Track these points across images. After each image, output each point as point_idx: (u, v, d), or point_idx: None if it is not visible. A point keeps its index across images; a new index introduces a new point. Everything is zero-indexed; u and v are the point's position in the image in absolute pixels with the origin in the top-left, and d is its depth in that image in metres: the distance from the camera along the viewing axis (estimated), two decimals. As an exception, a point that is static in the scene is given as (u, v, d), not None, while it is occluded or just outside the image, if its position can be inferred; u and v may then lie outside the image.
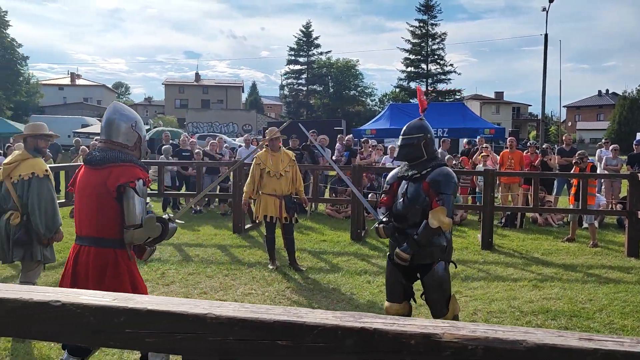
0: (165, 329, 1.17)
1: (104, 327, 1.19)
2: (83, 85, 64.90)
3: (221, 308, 1.17)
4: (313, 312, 1.14)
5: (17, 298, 1.23)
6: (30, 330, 1.26)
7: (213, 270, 6.91)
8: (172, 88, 65.47)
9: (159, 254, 7.68)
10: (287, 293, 6.03)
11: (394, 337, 1.04)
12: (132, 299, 1.22)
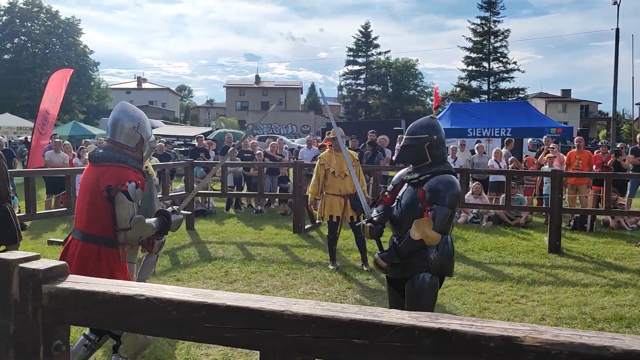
0: (244, 325, 1.20)
1: (185, 322, 1.24)
2: (148, 88, 67.30)
3: (297, 306, 1.19)
4: (389, 311, 1.15)
5: (105, 291, 1.30)
6: (118, 323, 1.33)
7: (274, 269, 7.00)
8: (233, 90, 66.90)
9: (222, 253, 7.88)
10: (349, 293, 6.04)
11: (472, 339, 1.03)
12: (211, 294, 1.26)
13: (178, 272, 6.84)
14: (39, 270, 1.35)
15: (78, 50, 42.54)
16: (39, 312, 1.35)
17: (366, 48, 55.61)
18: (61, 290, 1.34)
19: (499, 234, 9.39)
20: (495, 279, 6.57)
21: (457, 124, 17.48)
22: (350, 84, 57.17)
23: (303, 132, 45.92)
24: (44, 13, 41.99)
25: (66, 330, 1.43)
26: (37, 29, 41.26)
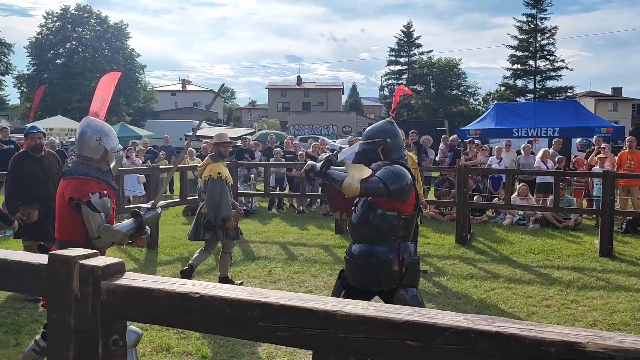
0: (296, 324, 1.21)
1: (239, 320, 1.26)
2: (192, 90, 68.58)
3: (350, 306, 1.19)
4: (443, 313, 1.13)
5: (161, 288, 1.33)
6: (173, 319, 1.35)
7: (317, 269, 7.02)
8: (274, 92, 67.48)
9: (265, 252, 7.95)
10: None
11: (532, 344, 1.01)
12: (264, 293, 1.27)
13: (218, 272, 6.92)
14: (98, 267, 1.40)
15: (125, 53, 43.76)
16: (98, 308, 1.39)
17: (408, 48, 55.12)
18: (119, 287, 1.38)
19: (546, 237, 9.15)
20: (544, 283, 6.40)
21: (502, 124, 17.12)
22: (392, 84, 56.74)
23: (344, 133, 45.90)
24: (94, 18, 43.38)
25: (123, 325, 1.47)
26: (88, 34, 42.66)
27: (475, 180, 11.18)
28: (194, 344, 4.48)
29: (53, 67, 41.75)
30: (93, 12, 43.55)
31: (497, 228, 10.01)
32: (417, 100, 54.31)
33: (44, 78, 40.05)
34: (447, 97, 52.56)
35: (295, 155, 12.33)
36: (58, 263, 1.44)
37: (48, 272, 1.46)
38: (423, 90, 53.91)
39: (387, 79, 57.13)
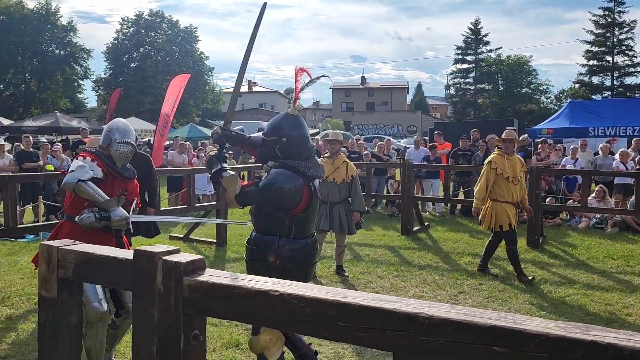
0: (376, 325, 1.19)
1: (318, 319, 1.25)
2: (258, 92, 69.86)
3: (432, 308, 1.16)
4: (532, 319, 1.09)
5: (241, 286, 1.35)
6: (253, 316, 1.37)
7: (383, 270, 6.96)
8: (339, 92, 67.63)
9: (330, 252, 7.96)
10: (460, 298, 5.86)
11: (632, 355, 0.94)
12: (344, 293, 1.27)
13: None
14: (181, 263, 1.44)
15: (195, 56, 45.13)
16: (180, 303, 1.43)
17: (476, 45, 53.75)
18: (200, 283, 1.41)
19: (626, 241, 8.67)
20: (624, 290, 6.07)
21: (577, 122, 16.40)
22: (459, 83, 55.55)
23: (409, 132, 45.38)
24: (166, 23, 45.01)
25: (203, 321, 1.51)
26: (160, 38, 44.32)
27: (548, 181, 10.75)
28: (262, 340, 4.54)
29: (127, 71, 43.65)
30: (165, 17, 45.20)
31: (571, 231, 9.58)
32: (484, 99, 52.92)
33: (119, 81, 41.93)
34: (517, 96, 50.86)
35: (360, 155, 12.29)
36: (143, 259, 1.49)
37: (134, 267, 1.51)
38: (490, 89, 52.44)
39: (454, 78, 55.96)
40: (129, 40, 44.14)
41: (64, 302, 1.70)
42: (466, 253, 7.89)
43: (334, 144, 6.70)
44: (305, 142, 3.55)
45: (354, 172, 6.65)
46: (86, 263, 1.63)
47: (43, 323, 1.71)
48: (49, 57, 39.34)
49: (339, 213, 6.55)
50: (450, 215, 11.38)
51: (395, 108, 59.53)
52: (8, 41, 35.90)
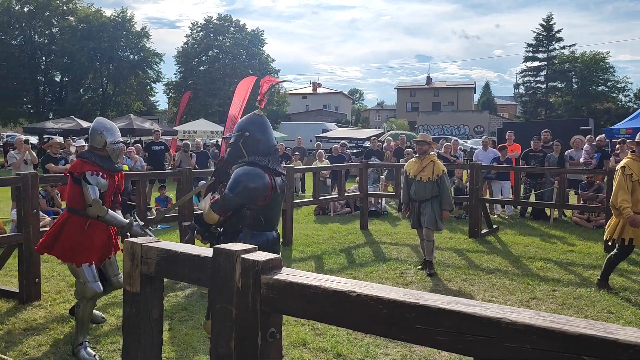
0: (456, 329, 1.17)
1: (396, 321, 1.25)
2: (323, 93, 70.26)
3: (515, 314, 1.13)
4: (624, 329, 1.03)
5: (318, 285, 1.36)
6: (330, 316, 1.38)
7: (450, 274, 6.84)
8: (403, 92, 67.01)
9: (396, 254, 7.90)
10: (532, 304, 5.65)
11: None
12: (422, 296, 1.25)
13: (354, 270, 7.01)
14: (259, 261, 1.47)
15: (261, 59, 46.01)
16: (258, 300, 1.47)
17: (547, 42, 51.80)
18: (278, 282, 1.44)
19: None
20: None
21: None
22: (529, 82, 53.72)
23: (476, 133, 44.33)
24: (234, 27, 46.15)
25: (280, 319, 1.54)
26: (228, 42, 45.48)
27: None
28: (329, 340, 4.57)
29: (197, 74, 45.05)
30: (232, 21, 46.34)
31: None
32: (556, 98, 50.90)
33: (189, 84, 43.33)
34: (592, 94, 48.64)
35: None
36: (222, 256, 1.53)
37: (213, 264, 1.56)
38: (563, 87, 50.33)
39: (523, 76, 54.19)
40: (199, 44, 45.56)
41: (146, 296, 1.78)
42: (538, 258, 7.62)
43: (421, 144, 6.99)
44: (267, 141, 3.76)
45: (441, 171, 6.78)
46: (167, 260, 1.69)
47: (127, 316, 1.80)
48: (124, 62, 41.23)
49: (426, 210, 6.80)
50: (520, 219, 11.02)
51: (461, 108, 58.30)
52: (87, 48, 37.92)
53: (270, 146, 3.75)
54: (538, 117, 48.40)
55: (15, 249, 5.61)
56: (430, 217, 6.78)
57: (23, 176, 5.47)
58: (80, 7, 41.31)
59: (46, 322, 4.95)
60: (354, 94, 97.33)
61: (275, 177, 3.67)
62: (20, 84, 38.51)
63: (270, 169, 3.64)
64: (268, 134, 3.78)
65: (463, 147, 20.87)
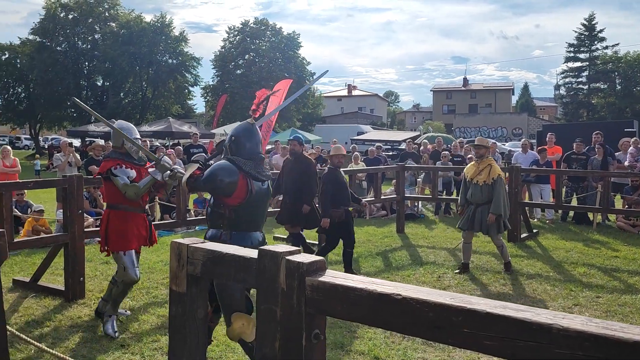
0: (505, 334, 1.16)
1: (442, 324, 1.24)
2: (358, 95, 70.16)
3: (567, 320, 1.11)
4: (683, 337, 1.00)
5: (363, 288, 1.37)
6: (374, 319, 1.38)
7: (489, 278, 6.74)
8: (439, 94, 66.32)
9: (433, 258, 7.83)
10: (575, 311, 5.52)
11: None
12: (469, 300, 1.24)
13: (391, 273, 6.97)
14: (304, 263, 1.48)
15: (297, 62, 46.20)
16: (303, 302, 1.48)
17: (590, 42, 50.43)
18: (322, 284, 1.45)
19: None
20: None
21: None
22: (570, 83, 52.39)
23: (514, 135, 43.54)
24: (270, 30, 46.52)
25: (324, 320, 1.55)
26: (264, 45, 45.88)
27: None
28: (366, 343, 4.56)
29: (233, 77, 45.58)
30: (269, 25, 46.72)
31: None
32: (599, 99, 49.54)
33: (226, 88, 43.86)
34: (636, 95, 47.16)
35: (464, 159, 11.96)
36: (267, 258, 1.55)
37: (258, 265, 1.58)
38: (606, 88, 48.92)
39: (564, 77, 52.88)
40: (235, 48, 46.09)
41: (192, 296, 1.82)
42: (580, 263, 7.43)
43: (478, 148, 7.10)
44: (252, 148, 3.99)
45: (496, 175, 6.78)
46: (213, 261, 1.72)
47: (173, 316, 1.84)
48: (163, 66, 42.02)
49: (482, 214, 6.83)
50: (561, 223, 10.76)
51: (499, 110, 57.33)
52: (128, 53, 38.82)
53: (254, 153, 3.98)
54: (580, 119, 47.18)
55: (61, 248, 5.79)
56: (484, 222, 6.82)
57: (69, 178, 5.64)
58: (122, 13, 42.33)
59: (90, 320, 5.09)
60: (390, 96, 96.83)
61: (254, 180, 3.88)
62: (64, 88, 39.67)
63: (246, 171, 3.85)
64: (255, 142, 4.04)
65: (501, 150, 20.50)
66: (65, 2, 40.75)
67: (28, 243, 6.60)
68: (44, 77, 38.30)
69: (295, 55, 46.41)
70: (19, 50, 41.38)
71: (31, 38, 41.18)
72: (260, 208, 4.00)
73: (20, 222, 9.04)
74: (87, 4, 40.74)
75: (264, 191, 3.97)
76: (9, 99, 42.34)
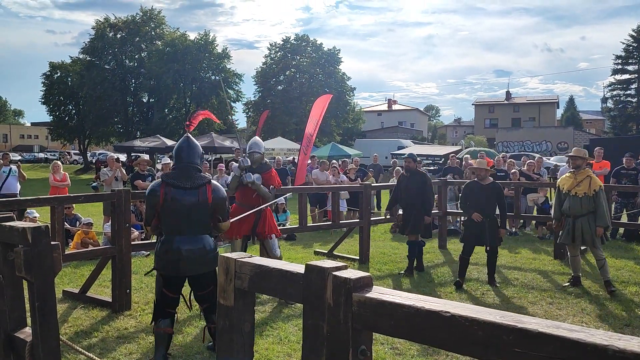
0: (558, 355, 1.14)
1: (492, 343, 1.23)
2: (398, 110, 69.86)
3: (623, 341, 1.08)
4: None
5: (411, 305, 1.37)
6: (422, 336, 1.38)
7: (535, 296, 6.57)
8: (481, 108, 65.36)
9: (477, 274, 7.68)
10: (627, 332, 5.31)
11: None
12: (520, 319, 1.23)
13: (433, 290, 6.88)
14: (350, 279, 1.49)
15: (337, 77, 46.44)
16: (349, 318, 1.49)
17: (638, 54, 48.95)
18: (369, 299, 1.45)
19: None
20: None
21: None
22: (618, 95, 50.89)
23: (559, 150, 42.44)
24: (310, 46, 46.98)
25: (370, 337, 1.55)
26: (305, 61, 46.33)
27: None
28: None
29: (274, 93, 46.14)
30: (309, 41, 47.19)
31: None
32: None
33: (267, 103, 44.44)
34: (689, 107, 45.37)
35: (508, 174, 11.74)
36: (314, 273, 1.57)
37: (305, 280, 1.60)
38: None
39: (612, 90, 51.42)
40: (277, 64, 46.69)
41: (239, 310, 1.85)
42: (632, 282, 7.16)
43: (575, 159, 6.94)
44: (179, 158, 4.42)
45: (598, 186, 6.67)
46: (260, 275, 1.75)
47: (221, 329, 1.87)
48: (206, 83, 42.95)
49: (582, 227, 6.69)
50: (611, 240, 10.40)
51: (543, 124, 56.05)
52: (173, 70, 39.88)
53: (178, 159, 4.41)
54: (629, 133, 45.67)
55: (109, 260, 5.96)
56: (586, 234, 6.66)
57: (117, 192, 5.82)
58: (167, 32, 43.61)
59: (136, 331, 5.20)
60: (430, 110, 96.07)
61: (173, 188, 4.24)
62: (112, 105, 41.06)
63: (165, 181, 4.30)
64: (185, 153, 4.44)
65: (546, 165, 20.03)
66: (114, 22, 42.31)
67: (78, 255, 6.82)
68: (93, 94, 39.75)
69: (336, 70, 46.65)
70: (70, 69, 43.15)
71: (81, 57, 42.86)
72: (170, 213, 4.25)
73: (69, 234, 9.35)
74: (135, 23, 42.19)
75: (175, 194, 4.22)
76: (60, 115, 44.07)
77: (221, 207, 4.41)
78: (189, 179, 4.26)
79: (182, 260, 4.16)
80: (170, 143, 26.48)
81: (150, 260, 8.52)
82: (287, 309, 5.93)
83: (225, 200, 4.49)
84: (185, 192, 4.19)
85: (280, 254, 6.54)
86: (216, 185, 4.43)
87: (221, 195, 4.41)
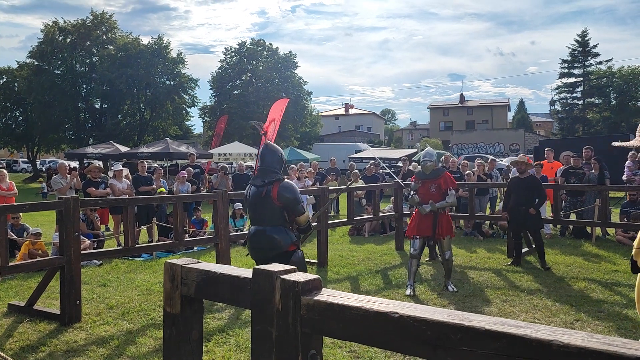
0: (505, 351, 1.13)
1: (441, 342, 1.21)
2: (355, 114, 70.39)
3: (567, 336, 1.08)
4: (686, 352, 0.98)
5: (359, 307, 1.34)
6: (371, 338, 1.35)
7: (490, 294, 6.68)
8: (436, 111, 66.59)
9: (433, 274, 7.77)
10: (577, 326, 5.46)
11: None
12: (467, 317, 1.22)
13: (391, 291, 6.92)
14: (299, 282, 1.45)
15: (294, 81, 46.43)
16: (298, 322, 1.45)
17: (583, 58, 50.81)
18: (318, 303, 1.42)
19: None
20: None
21: None
22: (565, 98, 52.70)
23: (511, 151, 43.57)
24: (266, 51, 46.82)
25: (320, 340, 1.51)
26: (261, 66, 46.12)
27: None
28: (366, 363, 4.49)
29: (231, 98, 45.72)
30: (265, 45, 47.04)
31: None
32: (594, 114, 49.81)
33: (223, 108, 43.96)
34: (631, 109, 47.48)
35: (462, 175, 11.95)
36: (262, 277, 1.53)
37: (252, 285, 1.55)
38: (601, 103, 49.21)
39: (559, 93, 53.20)
40: (232, 68, 46.33)
41: (186, 318, 1.78)
42: (581, 278, 7.38)
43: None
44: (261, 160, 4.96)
45: None
46: (207, 281, 1.69)
47: (167, 338, 1.80)
48: (161, 88, 42.14)
49: None
50: (560, 238, 10.73)
51: (496, 126, 57.50)
52: (126, 75, 38.97)
53: (262, 166, 4.92)
54: (575, 134, 47.38)
55: (57, 271, 5.74)
56: None
57: (65, 200, 5.61)
58: (119, 36, 42.61)
59: (86, 344, 5.02)
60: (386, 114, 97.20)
61: (252, 186, 4.90)
62: (62, 111, 39.75)
63: (250, 182, 5.02)
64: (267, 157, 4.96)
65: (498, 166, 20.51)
66: (64, 25, 41.04)
67: (23, 267, 6.54)
68: (42, 100, 38.41)
69: (292, 75, 46.64)
70: (16, 74, 41.57)
71: (29, 62, 41.39)
72: (253, 205, 4.86)
73: (17, 245, 8.98)
74: (85, 27, 41.03)
75: (257, 193, 4.81)
76: (7, 122, 42.40)
77: (289, 204, 4.76)
78: (263, 178, 4.83)
79: (252, 248, 4.89)
80: (124, 149, 25.84)
81: (103, 269, 8.28)
82: (243, 315, 5.84)
83: (293, 199, 4.77)
84: (257, 189, 4.81)
85: (448, 256, 6.99)
86: (285, 184, 4.81)
87: (287, 193, 4.74)
